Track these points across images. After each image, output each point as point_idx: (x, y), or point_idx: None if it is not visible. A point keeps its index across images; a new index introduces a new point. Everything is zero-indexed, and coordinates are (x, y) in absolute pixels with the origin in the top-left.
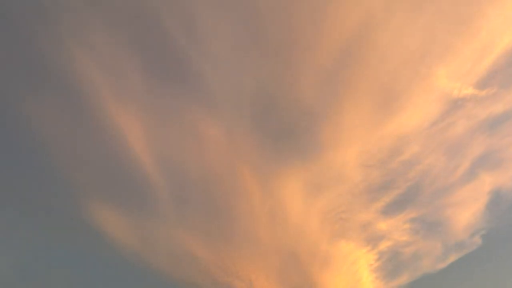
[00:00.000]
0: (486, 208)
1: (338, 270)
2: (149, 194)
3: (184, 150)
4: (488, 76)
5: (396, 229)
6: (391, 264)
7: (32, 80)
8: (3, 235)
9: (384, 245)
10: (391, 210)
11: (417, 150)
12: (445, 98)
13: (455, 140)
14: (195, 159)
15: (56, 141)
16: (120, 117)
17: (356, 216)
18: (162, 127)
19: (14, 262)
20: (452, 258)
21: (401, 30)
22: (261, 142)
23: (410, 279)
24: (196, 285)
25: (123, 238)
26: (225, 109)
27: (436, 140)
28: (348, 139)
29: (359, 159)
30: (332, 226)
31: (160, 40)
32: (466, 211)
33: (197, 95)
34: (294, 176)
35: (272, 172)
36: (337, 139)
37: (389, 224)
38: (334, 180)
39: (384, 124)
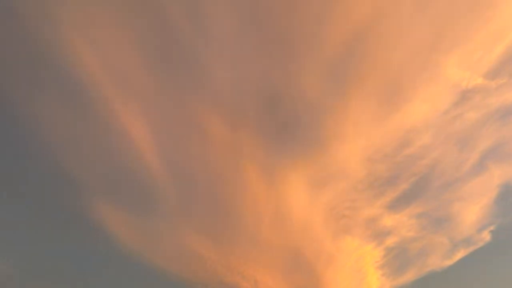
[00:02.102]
0: (495, 203)
1: (343, 267)
2: (154, 193)
3: (189, 148)
4: (498, 66)
5: (402, 225)
6: (397, 261)
7: (36, 78)
8: (9, 233)
9: (389, 242)
10: (397, 205)
11: (424, 143)
12: (454, 89)
13: (463, 132)
14: (200, 157)
15: (60, 140)
16: (125, 114)
17: (361, 212)
18: (167, 125)
19: (18, 260)
20: (460, 254)
21: (409, 21)
22: (265, 138)
23: (416, 276)
24: (202, 284)
25: (128, 237)
26: (230, 104)
27: (444, 132)
28: (353, 133)
29: (364, 153)
30: (337, 222)
31: (165, 37)
32: (475, 206)
33: (202, 91)
34: (298, 172)
35: (276, 169)
36: (342, 133)
37: (395, 220)
38: (339, 175)
39: (390, 117)
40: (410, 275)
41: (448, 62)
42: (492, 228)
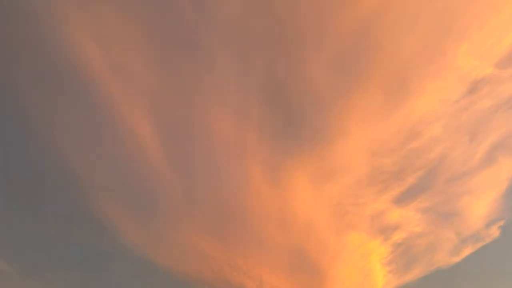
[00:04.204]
0: (505, 197)
1: (348, 265)
2: (159, 191)
3: (194, 146)
4: (510, 55)
5: (408, 221)
6: (403, 257)
7: (41, 77)
8: (17, 232)
9: (395, 238)
10: (403, 200)
11: (432, 136)
12: (464, 79)
13: (472, 124)
14: (206, 156)
15: (66, 139)
16: (130, 114)
17: (367, 208)
18: (172, 123)
19: (25, 257)
20: (468, 250)
21: (418, 10)
22: (269, 134)
23: (423, 273)
24: (207, 283)
25: (133, 235)
26: (235, 102)
27: (452, 124)
28: (359, 127)
29: (370, 147)
30: (342, 219)
31: (170, 36)
32: (483, 200)
33: (207, 90)
34: (302, 169)
35: (280, 166)
36: (347, 128)
37: (401, 216)
38: (343, 170)
39: (397, 109)
40: (416, 272)
41: (458, 51)
42: (501, 223)
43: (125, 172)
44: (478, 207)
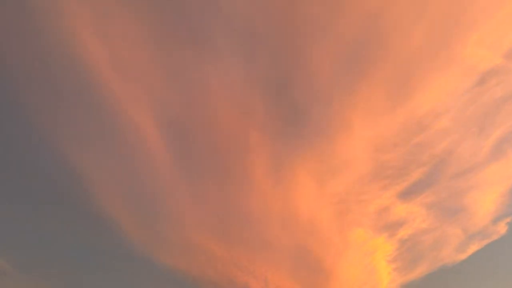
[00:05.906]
0: None
1: (352, 262)
2: (164, 191)
3: (198, 144)
4: None
5: (413, 217)
6: (408, 254)
7: (43, 75)
8: (19, 231)
9: (400, 234)
10: (408, 196)
11: (439, 129)
12: (472, 71)
13: (480, 116)
14: (211, 156)
15: (69, 137)
16: (134, 112)
17: (371, 204)
18: (176, 121)
19: (26, 257)
20: (474, 247)
21: (425, 2)
22: (273, 131)
23: (429, 271)
24: (212, 283)
25: (138, 236)
26: (239, 98)
27: (459, 117)
28: (363, 123)
29: (375, 142)
30: (345, 216)
31: (174, 32)
32: (490, 195)
33: (211, 87)
34: (306, 165)
35: (284, 163)
36: (352, 122)
37: (406, 212)
38: (347, 166)
39: (403, 104)
40: (422, 269)
41: (467, 43)
42: (508, 219)
43: (129, 171)
44: (485, 203)
